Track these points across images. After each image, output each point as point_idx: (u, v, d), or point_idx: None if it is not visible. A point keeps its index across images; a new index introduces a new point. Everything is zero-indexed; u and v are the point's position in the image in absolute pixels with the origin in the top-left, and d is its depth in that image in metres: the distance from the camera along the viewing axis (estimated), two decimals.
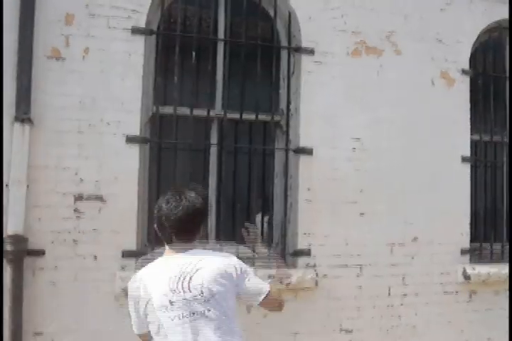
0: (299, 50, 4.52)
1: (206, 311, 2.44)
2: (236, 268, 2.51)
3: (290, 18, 4.54)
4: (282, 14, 4.58)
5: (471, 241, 5.05)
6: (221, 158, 4.37)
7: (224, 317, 2.48)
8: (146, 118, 4.16)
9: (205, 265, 2.47)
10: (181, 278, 2.45)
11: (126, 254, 3.93)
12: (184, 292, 2.43)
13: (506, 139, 5.38)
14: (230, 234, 4.32)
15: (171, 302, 2.43)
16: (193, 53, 4.24)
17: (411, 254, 4.76)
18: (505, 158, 5.38)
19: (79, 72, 3.93)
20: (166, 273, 2.46)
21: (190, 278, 2.44)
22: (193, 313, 2.43)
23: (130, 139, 3.99)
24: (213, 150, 4.39)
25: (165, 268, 2.48)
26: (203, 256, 2.52)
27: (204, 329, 2.44)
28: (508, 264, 5.09)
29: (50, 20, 3.87)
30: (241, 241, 4.25)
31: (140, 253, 3.98)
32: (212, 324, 2.45)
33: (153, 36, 4.22)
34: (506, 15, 5.37)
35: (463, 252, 4.97)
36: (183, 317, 2.43)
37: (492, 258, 5.16)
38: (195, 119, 4.25)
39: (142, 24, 4.11)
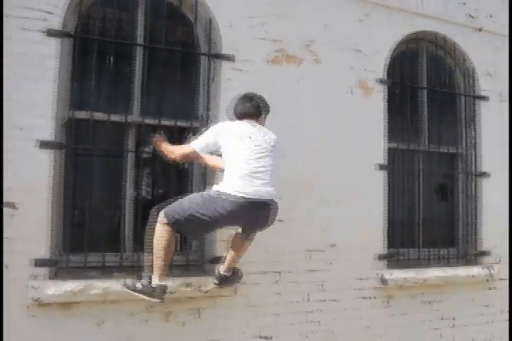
0: (219, 56, 4.54)
1: (270, 152, 3.74)
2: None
3: (210, 25, 4.56)
4: (203, 20, 4.60)
5: (388, 246, 5.19)
6: (138, 165, 4.34)
7: (273, 168, 3.76)
8: (61, 123, 4.08)
9: (270, 133, 3.89)
10: (259, 131, 3.81)
11: (39, 263, 3.84)
12: (262, 136, 3.77)
13: (422, 147, 5.58)
14: None
15: (250, 138, 3.71)
16: (111, 57, 4.22)
17: (329, 260, 4.84)
18: (421, 166, 5.57)
19: None
20: (247, 126, 3.81)
21: (265, 134, 3.82)
22: (265, 148, 3.72)
23: (44, 144, 3.89)
24: (130, 157, 4.35)
25: (247, 124, 3.83)
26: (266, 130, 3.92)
27: (268, 163, 3.71)
28: (423, 268, 5.31)
29: None
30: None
31: (53, 262, 3.93)
32: (271, 166, 3.73)
33: (70, 39, 4.14)
34: (423, 27, 5.62)
35: (380, 258, 5.10)
36: (257, 146, 3.70)
37: (408, 264, 5.32)
38: (111, 125, 4.21)
39: (58, 26, 4.02)
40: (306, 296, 4.76)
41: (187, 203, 3.66)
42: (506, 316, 5.84)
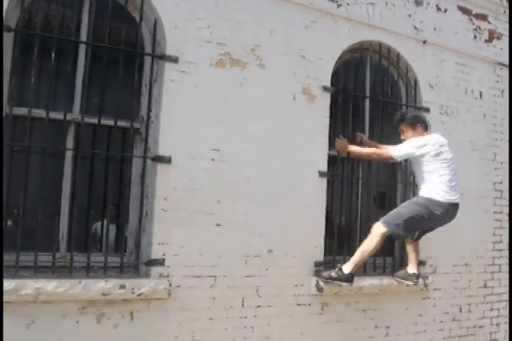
0: (163, 57, 4.69)
1: (453, 162, 5.13)
2: None
3: (156, 25, 4.71)
4: (148, 20, 4.75)
5: (325, 254, 5.40)
6: (76, 164, 4.43)
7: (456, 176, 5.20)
8: None
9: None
10: (444, 144, 5.14)
11: None
12: (447, 149, 5.11)
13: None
14: (82, 242, 4.43)
15: (442, 152, 5.05)
16: (53, 54, 4.30)
17: (265, 266, 5.03)
18: (361, 174, 5.84)
19: None
20: (438, 139, 5.15)
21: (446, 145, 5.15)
22: (451, 159, 5.11)
23: None
24: (69, 155, 4.45)
25: (438, 138, 5.18)
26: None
27: (454, 172, 5.12)
28: (359, 277, 5.49)
29: None
30: (93, 249, 4.42)
31: None
32: (455, 175, 5.15)
33: (11, 34, 4.22)
34: (368, 37, 5.89)
35: (317, 265, 5.30)
36: (448, 160, 5.06)
37: None
38: (51, 122, 4.30)
39: None
40: (241, 301, 4.92)
41: (404, 210, 4.98)
42: (440, 326, 6.17)
